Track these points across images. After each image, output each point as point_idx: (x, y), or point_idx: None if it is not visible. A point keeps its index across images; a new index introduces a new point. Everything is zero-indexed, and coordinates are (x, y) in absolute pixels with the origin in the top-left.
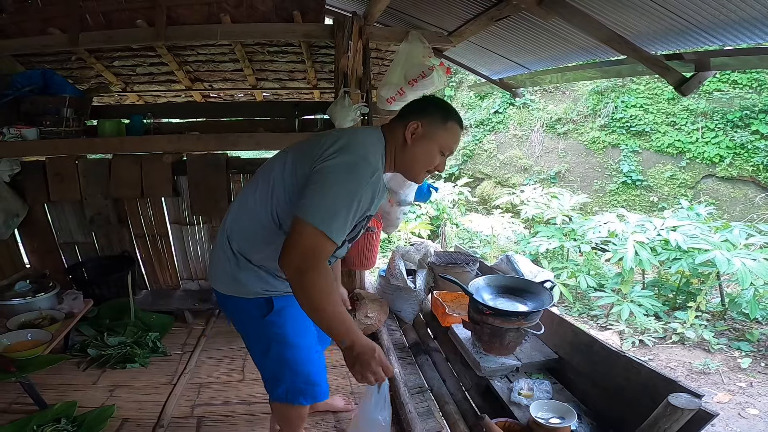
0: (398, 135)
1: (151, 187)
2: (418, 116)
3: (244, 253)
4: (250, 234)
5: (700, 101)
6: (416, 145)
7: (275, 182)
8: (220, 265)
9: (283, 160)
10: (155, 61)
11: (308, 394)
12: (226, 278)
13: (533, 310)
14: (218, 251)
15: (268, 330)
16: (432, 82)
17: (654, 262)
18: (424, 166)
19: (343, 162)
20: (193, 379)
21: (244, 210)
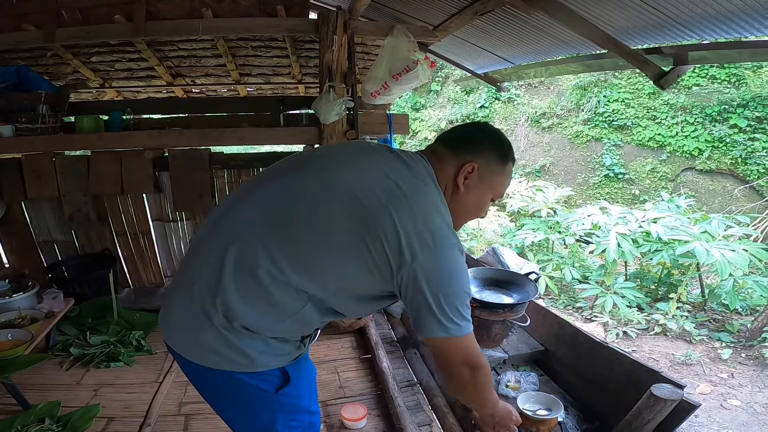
0: (449, 175)
1: (132, 184)
2: (473, 155)
3: (252, 329)
4: (265, 313)
5: (679, 96)
6: (469, 193)
7: (323, 270)
8: (207, 335)
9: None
10: (134, 56)
11: None
12: (219, 351)
13: (519, 302)
14: (200, 320)
15: (279, 403)
16: (416, 75)
17: (636, 254)
18: (472, 216)
19: (439, 255)
20: (180, 377)
21: (258, 285)
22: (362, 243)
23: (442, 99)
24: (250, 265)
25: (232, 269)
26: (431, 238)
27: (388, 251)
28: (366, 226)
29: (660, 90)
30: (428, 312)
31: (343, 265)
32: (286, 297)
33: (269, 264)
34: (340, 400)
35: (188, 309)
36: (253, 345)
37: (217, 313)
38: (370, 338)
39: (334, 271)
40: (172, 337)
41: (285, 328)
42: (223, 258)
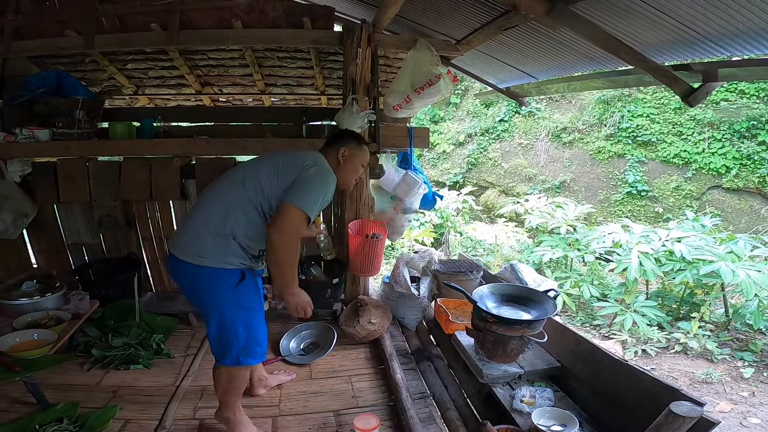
0: (332, 157)
1: (160, 190)
2: (343, 144)
3: (234, 234)
4: (241, 219)
5: (707, 111)
6: (347, 163)
7: (263, 183)
8: (204, 240)
9: (271, 169)
10: (167, 64)
11: (257, 354)
12: (209, 252)
13: (537, 319)
14: (202, 229)
15: (237, 297)
16: (439, 90)
17: (658, 273)
18: (354, 176)
19: (318, 172)
20: (196, 382)
21: (234, 200)
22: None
23: (461, 112)
24: (229, 192)
25: (220, 197)
26: (318, 165)
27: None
28: (288, 168)
29: (688, 106)
30: (299, 189)
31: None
32: (249, 205)
33: (240, 193)
34: (353, 410)
35: (196, 227)
36: (232, 250)
37: (211, 221)
38: (384, 349)
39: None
40: (185, 247)
41: (251, 235)
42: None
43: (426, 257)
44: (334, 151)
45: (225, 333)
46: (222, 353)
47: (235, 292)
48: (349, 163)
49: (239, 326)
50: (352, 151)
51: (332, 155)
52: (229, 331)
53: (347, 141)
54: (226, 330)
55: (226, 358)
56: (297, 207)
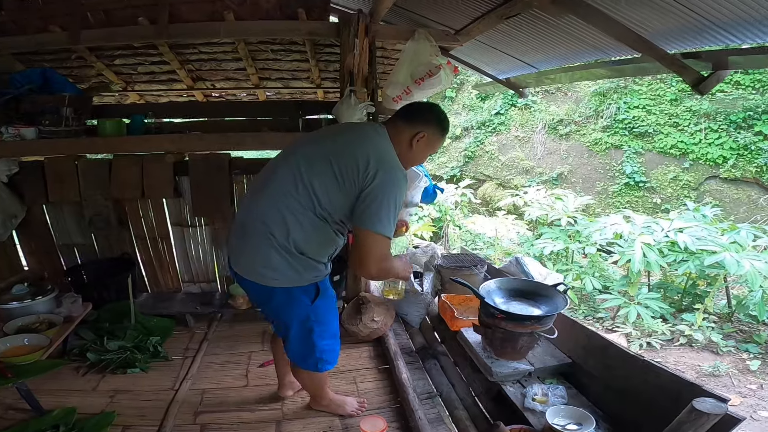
0: (404, 138)
1: (153, 188)
2: (425, 127)
3: (301, 249)
4: (305, 231)
5: (702, 102)
6: (418, 151)
7: (318, 194)
8: (272, 259)
9: (328, 177)
10: (157, 59)
11: (333, 360)
12: (280, 271)
13: (547, 314)
14: (266, 246)
15: (314, 313)
16: (439, 80)
17: (662, 264)
18: (416, 164)
19: (387, 179)
20: (196, 385)
21: (291, 208)
22: (338, 183)
23: (457, 106)
24: (283, 199)
25: (275, 205)
26: (381, 166)
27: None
28: (346, 177)
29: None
30: (372, 210)
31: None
32: (309, 214)
33: (295, 201)
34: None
35: (256, 245)
36: (303, 266)
37: (270, 237)
38: (388, 348)
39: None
40: (253, 270)
41: (319, 246)
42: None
43: (429, 252)
44: (409, 132)
45: (302, 346)
46: (301, 361)
47: (313, 308)
48: (423, 151)
49: (316, 340)
50: (432, 137)
51: (404, 135)
52: (306, 345)
53: (429, 123)
54: (304, 344)
55: (305, 365)
56: (375, 233)
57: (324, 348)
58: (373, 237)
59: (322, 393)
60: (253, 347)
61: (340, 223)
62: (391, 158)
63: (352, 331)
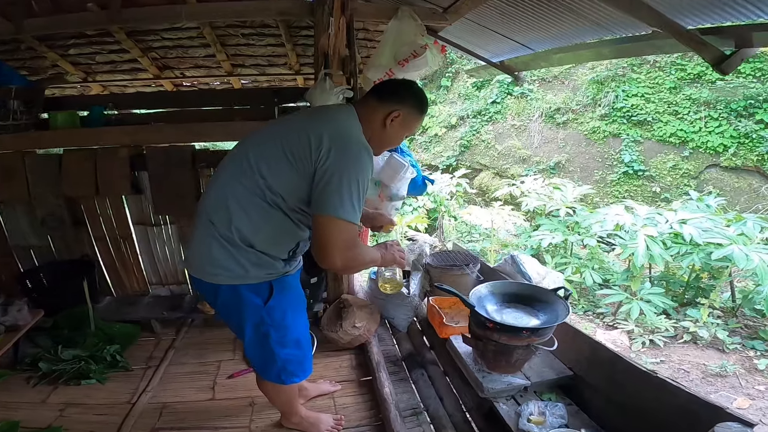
0: (377, 118)
1: (107, 185)
2: (400, 105)
3: (247, 241)
4: (252, 221)
5: (702, 90)
6: (393, 131)
7: (266, 176)
8: (214, 251)
9: (276, 158)
10: (116, 48)
11: (300, 372)
12: (223, 266)
13: (546, 326)
14: (208, 236)
15: (268, 316)
16: (425, 61)
17: (667, 258)
18: (391, 146)
19: (343, 156)
20: (156, 399)
21: (236, 195)
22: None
23: (452, 95)
24: (229, 187)
25: (219, 195)
26: (337, 142)
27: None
28: (297, 156)
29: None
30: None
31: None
32: (256, 200)
33: (242, 187)
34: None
35: (202, 238)
36: (249, 261)
37: (213, 229)
38: (371, 357)
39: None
40: (198, 265)
41: (269, 237)
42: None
43: (416, 250)
44: (383, 112)
45: (259, 354)
46: (261, 371)
47: (267, 311)
48: (398, 131)
49: (275, 347)
50: (408, 116)
51: (376, 114)
52: (263, 352)
53: (405, 101)
54: (261, 351)
55: (267, 375)
56: (335, 218)
57: (286, 357)
58: (333, 222)
59: (292, 409)
60: (224, 355)
61: (299, 211)
62: (350, 135)
63: (332, 338)
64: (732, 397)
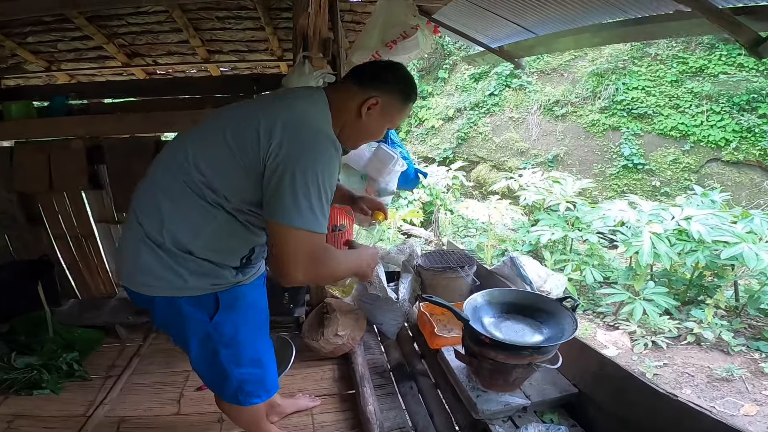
0: (351, 105)
1: (62, 179)
2: (379, 91)
3: (179, 244)
4: (184, 221)
5: (704, 84)
6: (369, 121)
7: (206, 174)
8: (143, 258)
9: (219, 150)
10: (77, 34)
11: (262, 393)
12: (155, 275)
13: (550, 344)
14: (138, 241)
15: (216, 332)
16: (416, 43)
17: (673, 257)
18: (368, 140)
19: (299, 148)
20: (114, 411)
21: (167, 193)
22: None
23: (449, 87)
24: (161, 183)
25: (149, 193)
26: (291, 131)
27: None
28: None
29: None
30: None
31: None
32: (194, 198)
33: (178, 184)
34: None
35: (130, 244)
36: (188, 270)
37: (142, 234)
38: (355, 369)
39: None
40: (129, 275)
41: (211, 242)
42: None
43: (406, 250)
44: (359, 98)
45: (210, 372)
46: (215, 390)
47: (214, 326)
48: (377, 122)
49: (228, 366)
50: (389, 105)
51: (351, 101)
52: (215, 370)
53: (386, 86)
54: (211, 369)
55: (222, 395)
56: (289, 226)
57: (243, 377)
58: (289, 233)
59: (259, 430)
60: None
61: (248, 212)
62: (310, 123)
63: (313, 347)
64: (739, 403)
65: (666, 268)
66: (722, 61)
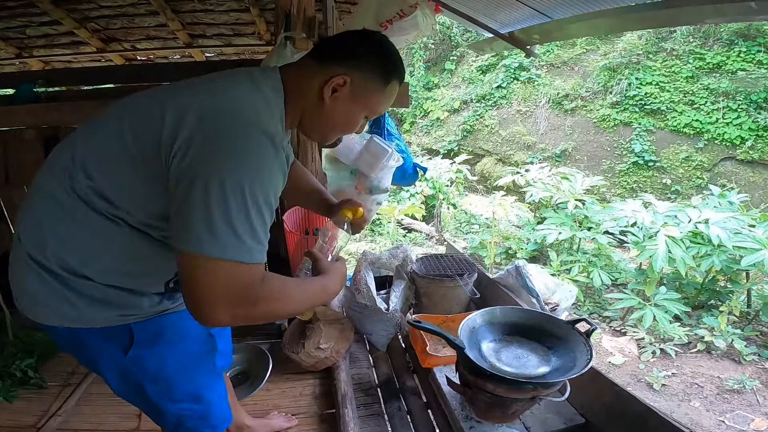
0: (311, 87)
1: (19, 172)
2: (348, 68)
3: (68, 267)
4: (72, 241)
5: (722, 81)
6: (336, 107)
7: (97, 176)
8: (29, 282)
9: (108, 146)
10: (46, 19)
11: (205, 429)
12: (44, 303)
13: (558, 379)
14: (18, 264)
15: (136, 367)
16: (414, 24)
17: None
18: (339, 132)
19: (216, 147)
20: (67, 424)
21: (49, 205)
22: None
23: (456, 78)
24: (47, 197)
25: (32, 208)
26: (211, 124)
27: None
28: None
29: (702, 74)
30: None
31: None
32: (84, 211)
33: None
34: None
35: (19, 267)
36: (84, 298)
37: (27, 257)
38: (337, 387)
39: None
40: (23, 303)
41: (112, 265)
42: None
43: (399, 255)
44: (320, 77)
45: (143, 406)
46: (156, 422)
47: (132, 361)
48: (347, 107)
49: (160, 401)
50: (364, 86)
51: (311, 81)
52: (148, 406)
53: (358, 62)
54: (143, 404)
55: (163, 427)
56: (201, 255)
57: (181, 413)
58: (201, 264)
59: None
60: None
61: (160, 228)
62: (241, 113)
63: (294, 359)
64: (749, 417)
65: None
66: (741, 57)
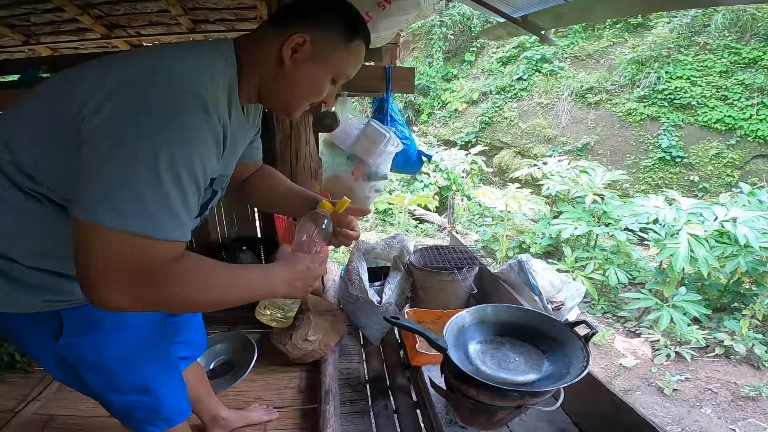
0: (269, 52)
1: None
2: (305, 26)
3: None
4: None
5: (757, 76)
6: (298, 69)
7: (18, 149)
8: None
9: (29, 116)
10: (50, 6)
11: (157, 422)
12: None
13: (547, 388)
14: None
15: (70, 354)
16: (415, 2)
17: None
18: (304, 99)
19: (133, 110)
20: (44, 409)
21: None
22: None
23: (476, 70)
24: None
25: None
26: (138, 81)
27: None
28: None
29: (737, 68)
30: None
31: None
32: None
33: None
34: None
35: None
36: (8, 281)
37: None
38: (322, 381)
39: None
40: None
41: (36, 246)
42: None
43: (396, 245)
44: (278, 39)
45: (87, 393)
46: (109, 411)
47: (65, 348)
48: (311, 67)
49: (101, 392)
50: (324, 43)
51: (268, 45)
52: (97, 399)
53: (315, 18)
54: (87, 391)
55: (114, 415)
56: (99, 225)
57: (128, 404)
58: (97, 234)
59: None
60: None
61: None
62: (171, 79)
63: (280, 350)
64: (762, 426)
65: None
66: None
